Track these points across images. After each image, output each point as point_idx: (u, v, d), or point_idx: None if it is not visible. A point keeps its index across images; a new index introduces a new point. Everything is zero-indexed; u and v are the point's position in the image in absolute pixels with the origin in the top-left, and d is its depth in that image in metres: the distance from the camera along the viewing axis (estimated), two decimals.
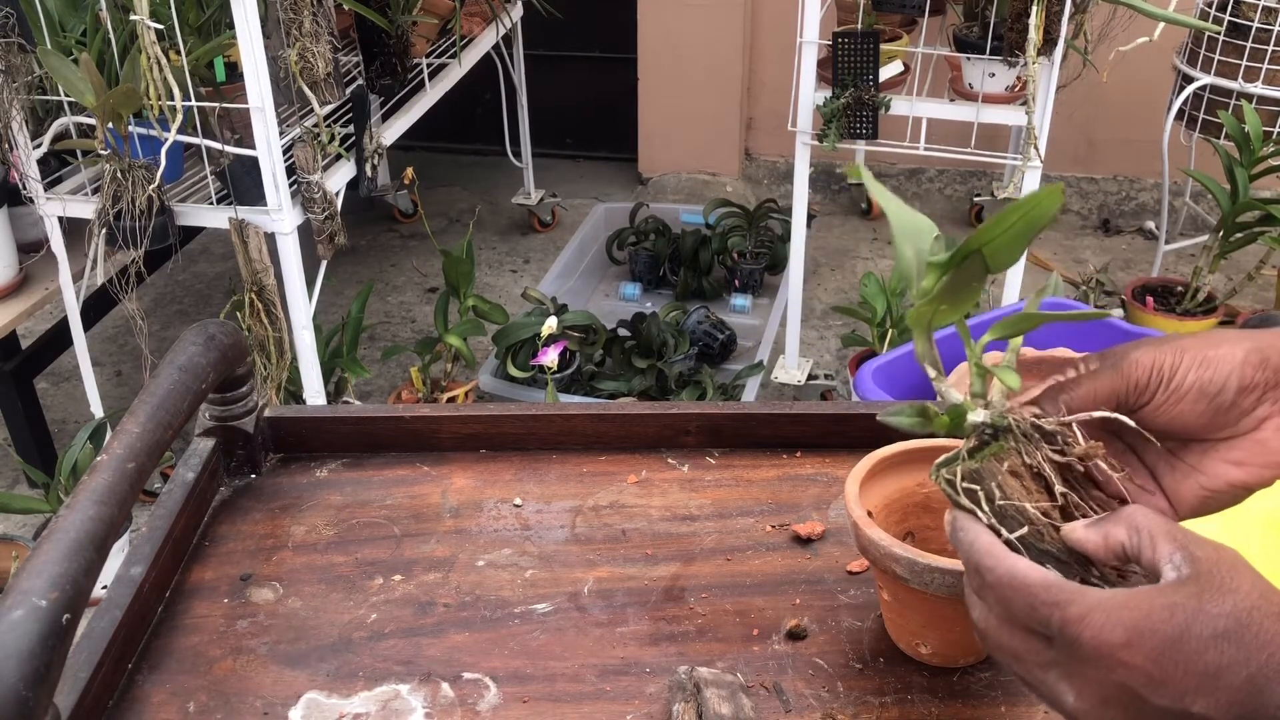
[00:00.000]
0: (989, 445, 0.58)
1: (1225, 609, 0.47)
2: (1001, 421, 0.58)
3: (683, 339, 2.54)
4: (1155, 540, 0.50)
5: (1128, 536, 0.52)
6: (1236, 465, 0.58)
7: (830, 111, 2.29)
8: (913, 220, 0.59)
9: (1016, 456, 0.57)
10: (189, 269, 3.40)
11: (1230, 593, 0.47)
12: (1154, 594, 0.48)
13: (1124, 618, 0.48)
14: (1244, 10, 2.57)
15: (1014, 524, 0.55)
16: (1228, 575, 0.48)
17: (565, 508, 0.88)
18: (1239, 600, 0.47)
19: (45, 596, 0.56)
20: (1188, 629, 0.47)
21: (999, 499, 0.55)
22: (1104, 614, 0.48)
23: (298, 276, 2.02)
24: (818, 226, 3.52)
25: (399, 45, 2.38)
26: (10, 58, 1.87)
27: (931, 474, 0.60)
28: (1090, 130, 3.46)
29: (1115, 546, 0.52)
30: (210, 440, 0.89)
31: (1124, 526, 0.52)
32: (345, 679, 0.72)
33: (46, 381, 2.78)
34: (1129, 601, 0.48)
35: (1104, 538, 0.52)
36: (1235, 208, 2.50)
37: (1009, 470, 0.56)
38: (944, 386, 0.60)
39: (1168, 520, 0.52)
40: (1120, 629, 0.48)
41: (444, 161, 3.98)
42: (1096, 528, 0.53)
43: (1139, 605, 0.48)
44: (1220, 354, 0.56)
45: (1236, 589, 0.47)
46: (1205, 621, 0.47)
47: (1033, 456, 0.56)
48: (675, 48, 3.57)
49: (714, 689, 0.67)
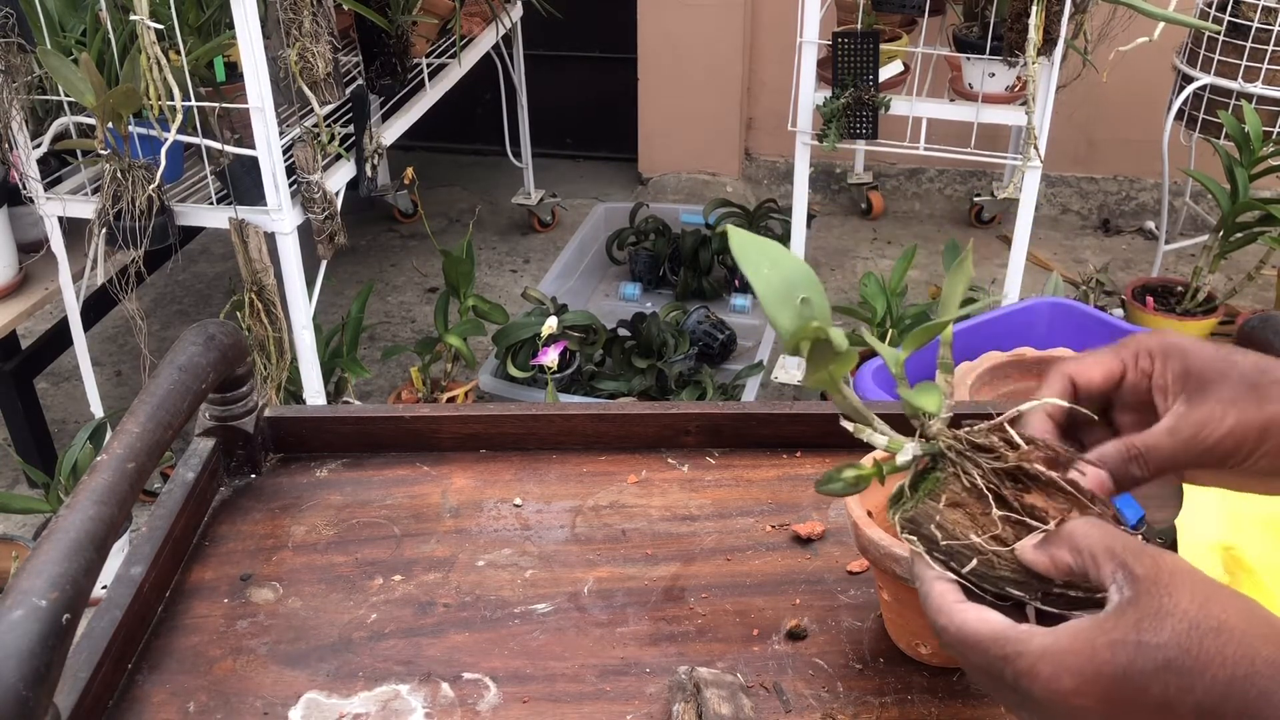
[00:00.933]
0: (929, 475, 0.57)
1: (1164, 638, 0.46)
2: (932, 448, 0.57)
3: (683, 339, 2.54)
4: (1097, 559, 0.50)
5: (1072, 558, 0.52)
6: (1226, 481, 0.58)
7: (830, 111, 2.29)
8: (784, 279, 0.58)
9: (956, 482, 0.56)
10: (189, 269, 3.40)
11: (1167, 616, 0.47)
12: (1096, 631, 0.48)
13: (1069, 664, 0.48)
14: (1244, 10, 2.57)
15: (963, 559, 0.54)
16: (1165, 594, 0.47)
17: (565, 508, 0.88)
18: (1176, 624, 0.46)
19: (45, 596, 0.56)
20: (1130, 665, 0.47)
21: (942, 540, 0.55)
22: (1049, 663, 0.49)
23: (298, 276, 2.02)
24: (818, 226, 3.52)
25: (399, 45, 2.38)
26: (10, 58, 1.87)
27: (888, 517, 0.59)
28: (1090, 130, 3.46)
29: (1063, 568, 0.52)
30: (210, 440, 0.89)
31: (1066, 548, 0.52)
32: (345, 679, 0.72)
33: (46, 381, 2.78)
34: (1072, 645, 0.48)
35: (1051, 560, 0.53)
36: (1235, 208, 2.49)
37: (948, 503, 0.55)
38: (866, 435, 0.61)
39: (1107, 532, 0.51)
40: (1067, 676, 0.48)
41: (444, 161, 3.98)
42: (1043, 550, 0.53)
43: (1082, 649, 0.48)
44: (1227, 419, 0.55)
45: (1174, 610, 0.47)
46: (1146, 655, 0.46)
47: (970, 477, 0.55)
48: (675, 48, 3.57)
49: (714, 689, 0.67)
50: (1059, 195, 3.62)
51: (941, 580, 0.55)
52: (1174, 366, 0.58)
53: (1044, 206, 3.59)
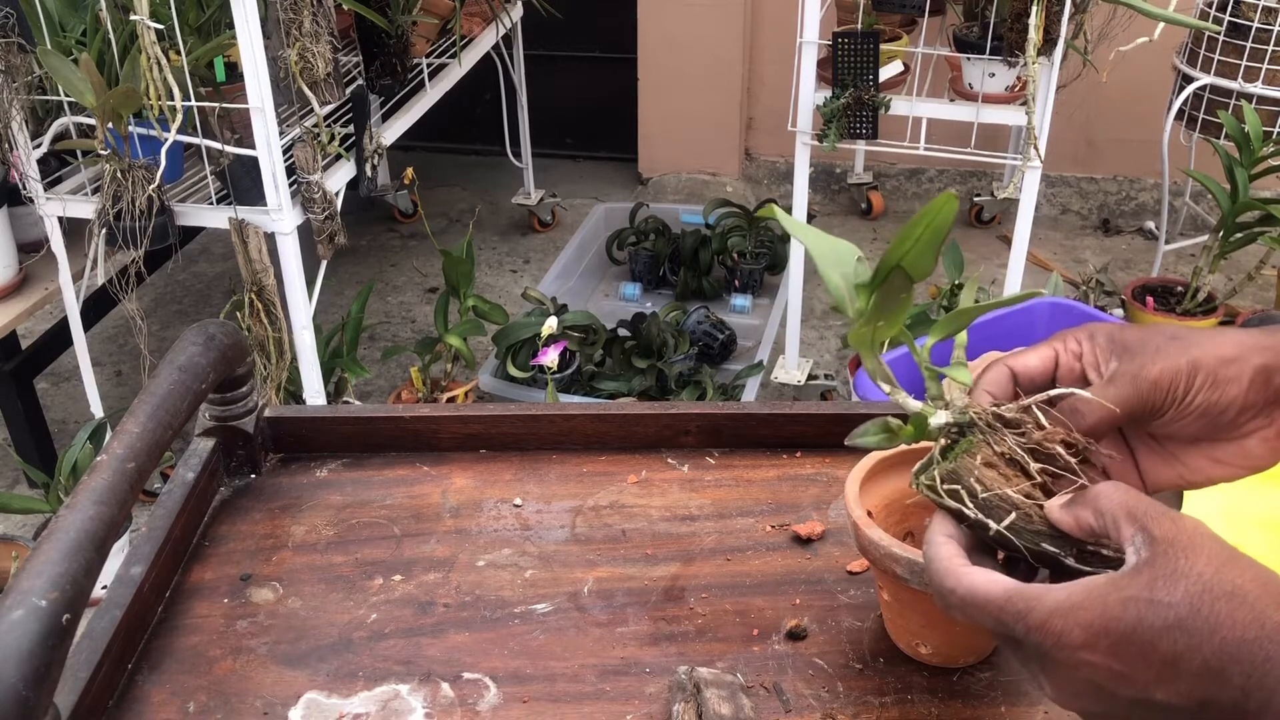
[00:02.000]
0: (958, 444, 0.59)
1: (1176, 597, 0.47)
2: (964, 418, 0.59)
3: (683, 339, 2.53)
4: (1118, 522, 0.51)
5: (1095, 520, 0.53)
6: (1217, 463, 0.60)
7: (830, 111, 2.29)
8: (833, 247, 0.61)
9: (987, 448, 0.58)
10: (189, 269, 3.40)
11: (1182, 578, 0.47)
12: (1109, 587, 0.49)
13: (1080, 618, 0.49)
14: (1244, 10, 2.57)
15: (1000, 513, 0.56)
16: (1182, 557, 0.48)
17: (565, 508, 0.88)
18: (1190, 585, 0.47)
19: (45, 596, 0.56)
20: (1141, 622, 0.48)
21: (980, 493, 0.56)
22: (1061, 618, 0.49)
23: (298, 276, 2.02)
24: (818, 226, 3.51)
25: (399, 45, 2.38)
26: (10, 58, 1.87)
27: (912, 483, 0.61)
28: (1090, 130, 3.46)
29: (1086, 529, 0.53)
30: (210, 440, 0.89)
31: (1090, 510, 0.53)
32: (345, 679, 0.72)
33: (46, 381, 2.78)
34: (1084, 600, 0.49)
35: (1075, 520, 0.54)
36: (1235, 208, 2.49)
37: (983, 462, 0.57)
38: (900, 397, 0.62)
39: (1130, 495, 0.52)
40: (1078, 630, 0.49)
41: (444, 161, 3.98)
42: (1069, 509, 0.54)
43: (1094, 604, 0.49)
44: (1230, 374, 0.57)
45: (1189, 572, 0.48)
46: (1157, 613, 0.47)
47: (1001, 444, 0.57)
48: (675, 48, 3.57)
49: (714, 689, 0.67)
50: (1059, 195, 3.62)
51: (949, 542, 0.56)
52: (1101, 342, 0.60)
53: (1044, 206, 3.59)
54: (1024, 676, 0.71)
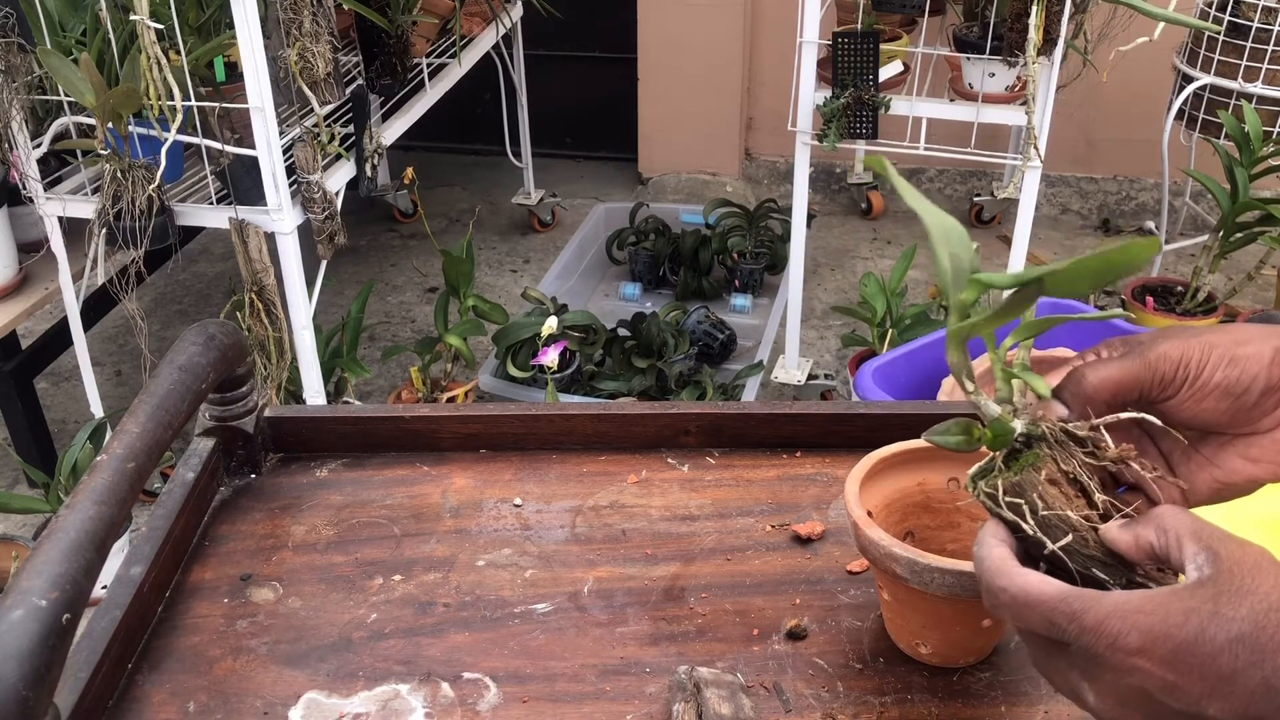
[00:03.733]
0: (1022, 454, 0.58)
1: (1241, 613, 0.46)
2: (1035, 430, 0.58)
3: (683, 339, 2.54)
4: (1182, 541, 0.51)
5: (1156, 538, 0.52)
6: (1252, 461, 0.58)
7: (830, 111, 2.29)
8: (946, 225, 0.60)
9: (1053, 464, 0.57)
10: (189, 269, 3.40)
11: (1248, 594, 0.47)
12: (1171, 597, 0.48)
13: (1139, 622, 0.48)
14: (1244, 10, 2.57)
15: (1058, 533, 0.55)
16: (1248, 576, 0.47)
17: (565, 508, 0.88)
18: (1256, 603, 0.47)
19: (45, 596, 0.56)
20: (1202, 633, 0.47)
21: (1041, 510, 0.56)
22: (1119, 619, 0.49)
23: (298, 276, 2.02)
24: (818, 226, 3.52)
25: (399, 45, 2.38)
26: (10, 58, 1.87)
27: (968, 486, 0.60)
28: (1090, 130, 3.46)
29: (1145, 547, 0.53)
30: (210, 440, 0.89)
31: (1153, 528, 0.52)
32: (345, 679, 0.72)
33: (46, 381, 2.78)
34: (1144, 605, 0.48)
35: (1134, 539, 0.53)
36: (1235, 208, 2.50)
37: (1047, 479, 0.56)
38: (983, 400, 0.60)
39: (1196, 519, 0.52)
40: (1135, 634, 0.48)
41: (444, 161, 3.98)
42: (1128, 529, 0.54)
43: (1155, 610, 0.48)
44: (1248, 353, 0.57)
45: (1255, 590, 0.47)
46: (1220, 625, 0.47)
47: (1068, 463, 0.57)
48: (675, 48, 3.57)
49: (714, 689, 0.67)
50: (1059, 195, 3.62)
51: (1001, 545, 0.55)
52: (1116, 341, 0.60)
53: (1044, 206, 3.59)
54: (1024, 677, 0.71)
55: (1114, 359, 0.58)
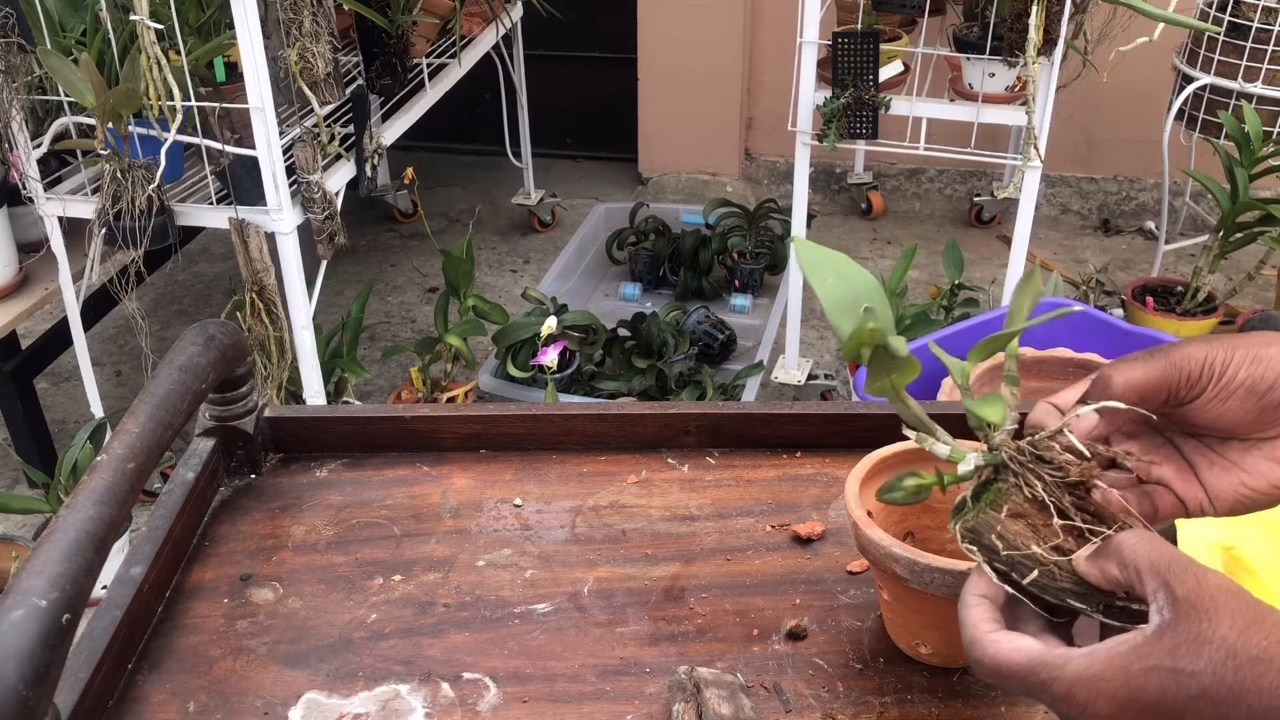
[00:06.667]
0: (990, 487, 0.57)
1: (1200, 665, 0.47)
2: (994, 459, 0.58)
3: (683, 339, 2.53)
4: (1141, 574, 0.51)
5: (1119, 572, 0.52)
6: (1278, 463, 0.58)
7: (830, 111, 2.29)
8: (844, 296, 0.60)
9: (1018, 493, 0.56)
10: (189, 269, 3.40)
11: (1205, 644, 0.47)
12: (1132, 657, 0.49)
13: (1104, 689, 0.49)
14: (1244, 10, 2.56)
15: (1025, 569, 0.55)
16: (1204, 620, 0.48)
17: (565, 508, 0.88)
18: (1213, 651, 0.47)
19: (45, 596, 0.56)
20: (1165, 693, 0.48)
21: (1003, 550, 0.55)
22: (1084, 688, 0.50)
23: (298, 276, 2.02)
24: (818, 226, 3.52)
25: (399, 45, 2.38)
26: (10, 58, 1.87)
27: (950, 527, 0.60)
28: (1090, 130, 3.46)
29: (1112, 581, 0.53)
30: (210, 440, 0.89)
31: (1114, 562, 0.53)
32: (345, 679, 0.72)
33: (46, 381, 2.78)
34: (1106, 671, 0.49)
35: (1100, 572, 0.53)
36: (1235, 208, 2.49)
37: (1010, 514, 0.56)
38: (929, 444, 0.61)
39: (1154, 547, 0.52)
40: (1102, 701, 0.49)
41: (444, 161, 3.98)
42: (1094, 561, 0.54)
43: (1116, 675, 0.49)
44: (1273, 352, 0.57)
45: (1211, 637, 0.47)
46: (1181, 683, 0.47)
47: (1033, 488, 0.56)
48: (675, 48, 3.57)
49: (714, 689, 0.67)
50: (1059, 195, 3.62)
51: (979, 605, 0.56)
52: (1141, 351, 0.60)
53: (1044, 206, 3.59)
54: None
55: (1139, 360, 0.58)
